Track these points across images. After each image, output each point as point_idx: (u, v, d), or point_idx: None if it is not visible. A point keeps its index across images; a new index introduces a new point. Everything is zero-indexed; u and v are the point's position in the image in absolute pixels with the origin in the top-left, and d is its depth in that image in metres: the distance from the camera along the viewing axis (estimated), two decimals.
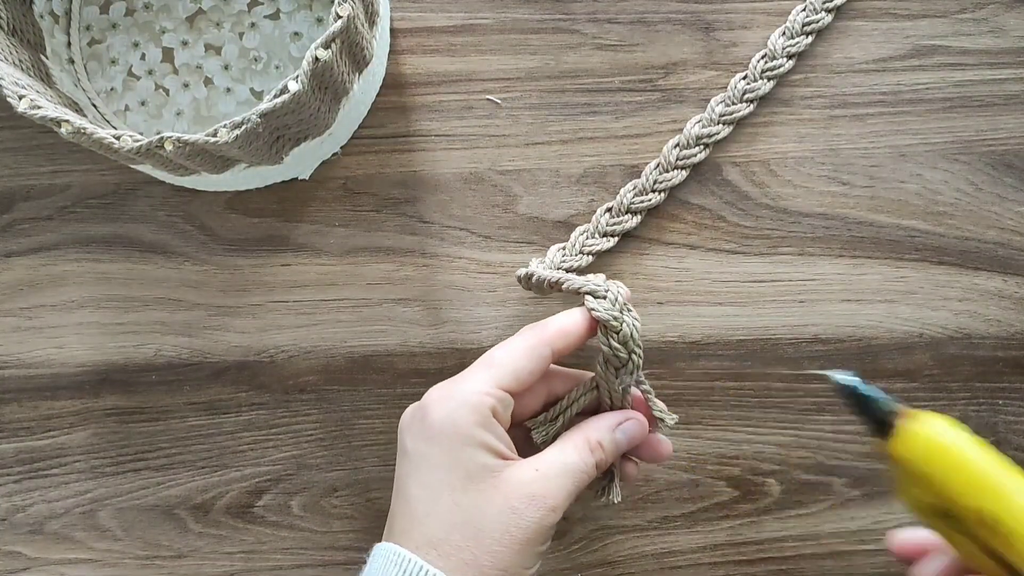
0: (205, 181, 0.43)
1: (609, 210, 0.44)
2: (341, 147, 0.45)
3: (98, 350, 0.45)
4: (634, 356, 0.37)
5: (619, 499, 0.39)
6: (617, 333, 0.36)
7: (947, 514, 0.30)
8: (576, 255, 0.43)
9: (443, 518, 0.34)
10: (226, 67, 0.45)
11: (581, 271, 0.43)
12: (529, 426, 0.38)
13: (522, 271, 0.41)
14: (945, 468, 0.29)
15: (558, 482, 0.34)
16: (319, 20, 0.45)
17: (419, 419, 0.35)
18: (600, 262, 0.44)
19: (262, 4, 0.45)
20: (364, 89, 0.43)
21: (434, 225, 0.45)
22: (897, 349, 0.44)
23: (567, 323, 0.37)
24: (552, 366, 0.38)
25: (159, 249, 0.45)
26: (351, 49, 0.39)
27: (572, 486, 0.35)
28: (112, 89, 0.45)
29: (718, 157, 0.45)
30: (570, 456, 0.35)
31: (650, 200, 0.43)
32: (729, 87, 0.44)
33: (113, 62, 0.45)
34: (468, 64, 0.45)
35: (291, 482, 0.45)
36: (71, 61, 0.45)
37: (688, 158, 0.44)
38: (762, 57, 0.44)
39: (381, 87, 0.45)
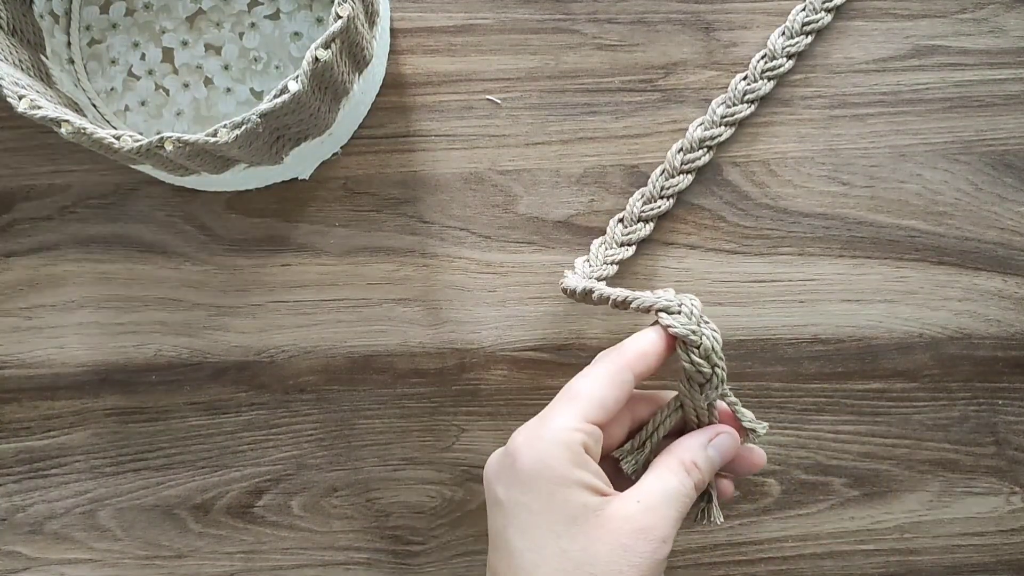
0: (205, 181, 0.43)
1: (621, 220, 0.44)
2: (341, 147, 0.45)
3: (98, 350, 0.45)
4: (717, 370, 0.35)
5: (721, 519, 0.38)
6: (697, 348, 0.35)
7: None
8: (602, 266, 0.42)
9: (552, 567, 0.32)
10: (226, 67, 0.45)
11: (610, 281, 0.43)
12: (617, 456, 0.37)
13: (572, 284, 0.40)
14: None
15: (663, 511, 0.33)
16: (319, 20, 0.45)
17: (508, 466, 0.34)
18: None
19: (262, 4, 0.45)
20: (364, 89, 0.43)
21: (434, 225, 0.45)
22: (897, 349, 0.44)
23: (645, 344, 0.35)
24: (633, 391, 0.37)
25: (159, 249, 0.45)
26: (351, 49, 0.39)
27: (677, 512, 0.34)
28: (112, 89, 0.45)
29: (718, 157, 0.45)
30: (669, 482, 0.34)
31: (659, 207, 0.43)
32: (730, 88, 0.44)
33: (113, 62, 0.45)
34: (468, 64, 0.45)
35: (291, 482, 0.45)
36: (71, 61, 0.45)
37: (692, 162, 0.44)
38: (762, 57, 0.44)
39: (381, 87, 0.45)
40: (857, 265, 0.45)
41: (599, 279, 0.42)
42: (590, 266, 0.42)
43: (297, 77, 0.36)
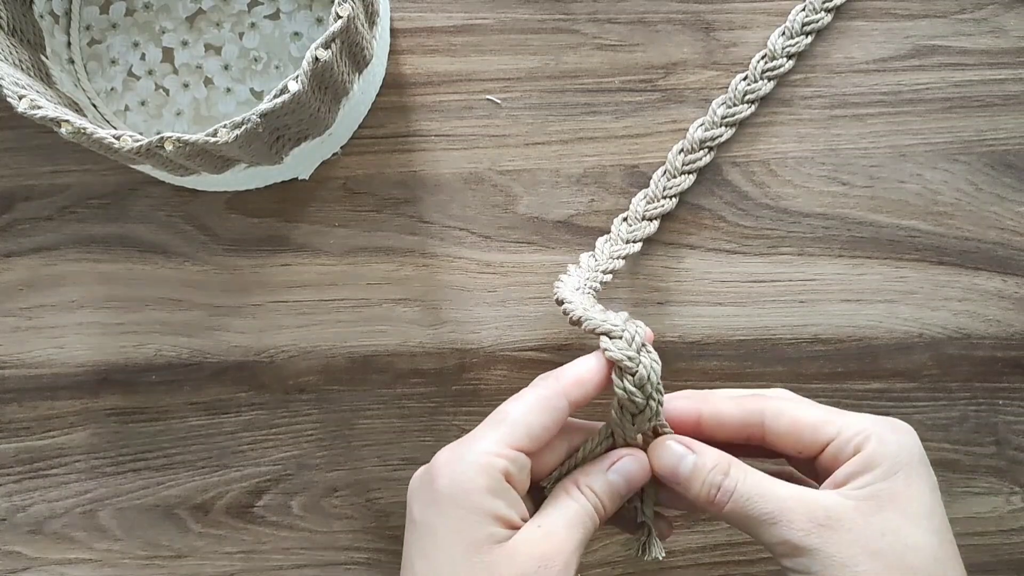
0: (205, 181, 0.43)
1: (625, 219, 0.44)
2: (341, 147, 0.45)
3: (98, 350, 0.45)
4: (651, 401, 0.34)
5: (663, 554, 0.37)
6: (632, 375, 0.34)
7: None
8: (607, 260, 0.42)
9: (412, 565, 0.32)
10: (226, 67, 0.45)
11: (617, 273, 0.42)
12: (542, 484, 0.36)
13: (557, 290, 0.39)
14: None
15: (563, 535, 0.32)
16: (319, 20, 0.45)
17: (426, 484, 0.33)
18: None
19: (262, 4, 0.45)
20: (364, 89, 0.43)
21: (434, 225, 0.45)
22: (897, 349, 0.44)
23: (583, 370, 0.34)
24: (572, 419, 0.36)
25: (159, 249, 0.45)
26: (351, 49, 0.39)
27: (578, 536, 0.33)
28: (112, 89, 0.45)
29: (718, 157, 0.45)
30: (568, 505, 0.33)
31: (662, 206, 0.43)
32: (730, 88, 0.44)
33: (113, 62, 0.45)
34: (468, 64, 0.45)
35: (291, 482, 0.45)
36: (71, 61, 0.45)
37: (693, 162, 0.44)
38: (762, 58, 0.44)
39: (381, 87, 0.45)
40: (857, 265, 0.45)
41: (605, 272, 0.41)
42: (595, 260, 0.42)
43: (297, 77, 0.36)
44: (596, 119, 0.45)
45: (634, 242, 0.43)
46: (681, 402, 0.36)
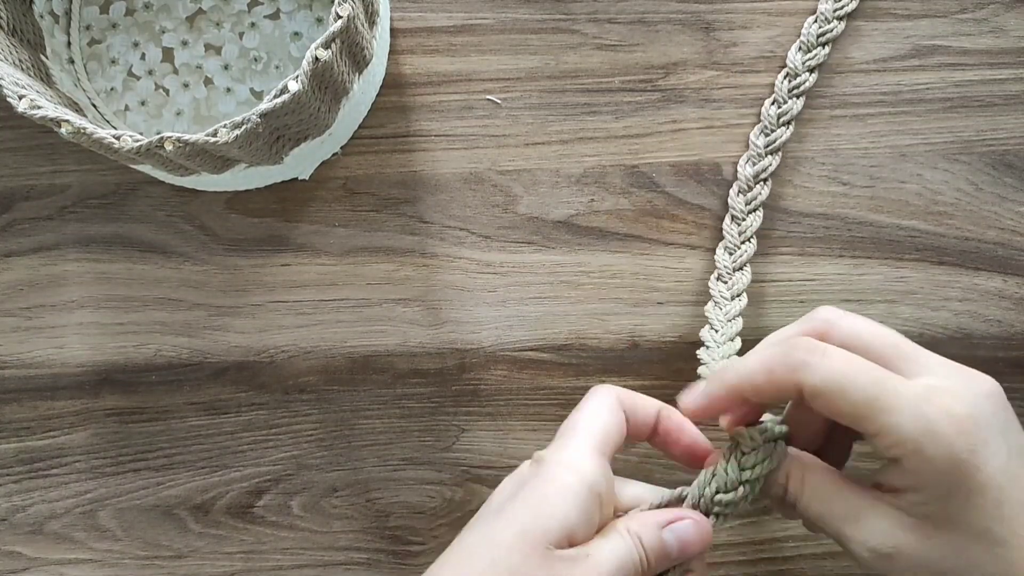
0: (205, 181, 0.43)
1: (719, 277, 0.43)
2: (341, 147, 0.45)
3: (98, 350, 0.45)
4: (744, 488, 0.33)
5: None
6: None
7: None
8: (727, 325, 0.42)
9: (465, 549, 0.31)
10: (226, 67, 0.45)
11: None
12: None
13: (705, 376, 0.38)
14: None
15: (607, 566, 0.30)
16: (319, 20, 0.45)
17: (523, 475, 0.33)
18: (602, 263, 0.44)
19: (262, 4, 0.45)
20: (364, 89, 0.43)
21: (434, 225, 0.45)
22: None
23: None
24: None
25: (159, 249, 0.45)
26: (351, 49, 0.39)
27: (616, 570, 0.31)
28: (112, 89, 0.45)
29: (718, 157, 0.45)
30: (615, 541, 0.31)
31: (743, 253, 0.43)
32: (762, 115, 0.44)
33: (113, 62, 0.45)
34: (468, 64, 0.45)
35: (291, 482, 0.45)
36: (71, 61, 0.45)
37: (753, 199, 0.44)
38: (785, 77, 0.44)
39: (381, 87, 0.45)
40: (857, 265, 0.45)
41: (731, 339, 0.41)
42: (717, 332, 0.42)
43: (297, 77, 0.36)
44: (596, 119, 0.45)
45: (738, 297, 0.43)
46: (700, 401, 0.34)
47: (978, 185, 0.45)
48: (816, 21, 0.45)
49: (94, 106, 0.45)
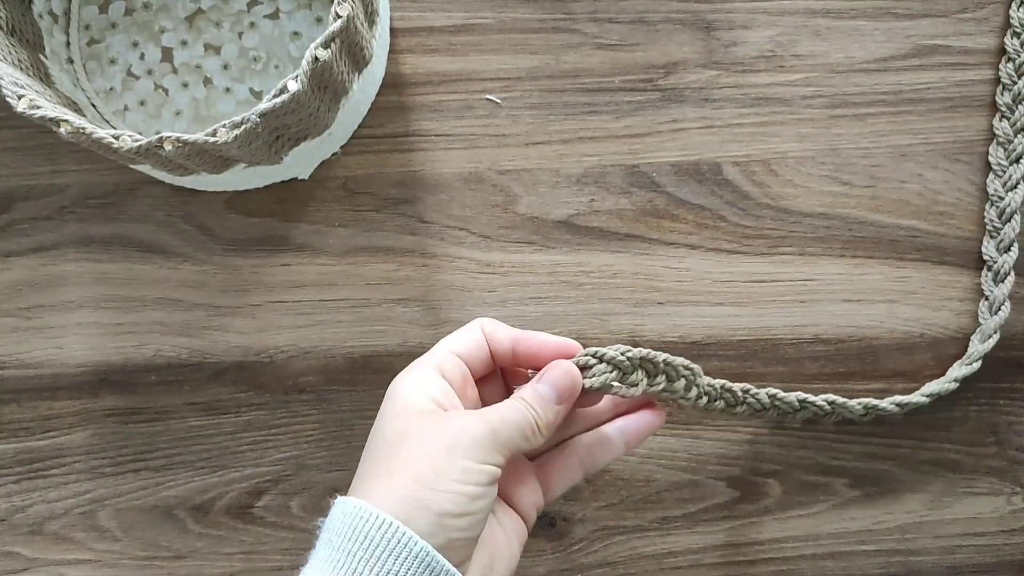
0: (205, 181, 0.43)
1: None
2: (341, 147, 0.45)
3: (98, 350, 0.45)
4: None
5: None
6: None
7: None
8: None
9: (367, 450, 0.33)
10: (225, 67, 0.45)
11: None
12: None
13: None
14: None
15: (500, 410, 0.33)
16: (319, 20, 0.45)
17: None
18: (601, 263, 0.44)
19: (261, 3, 0.45)
20: (364, 89, 0.43)
21: (434, 225, 0.45)
22: (898, 349, 0.44)
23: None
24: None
25: (159, 249, 0.45)
26: (351, 49, 0.39)
27: (515, 417, 0.33)
28: (111, 89, 0.45)
29: (718, 157, 0.45)
30: (513, 400, 0.34)
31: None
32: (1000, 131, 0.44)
33: (112, 62, 0.45)
34: (468, 64, 0.45)
35: (291, 482, 0.45)
36: (70, 61, 0.45)
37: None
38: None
39: (381, 87, 0.45)
40: (858, 265, 0.44)
41: None
42: None
43: (296, 77, 0.36)
44: (596, 119, 0.45)
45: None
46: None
47: (979, 185, 0.45)
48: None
49: (93, 106, 0.45)
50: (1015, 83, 0.44)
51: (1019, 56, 0.44)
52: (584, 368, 0.35)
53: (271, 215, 0.45)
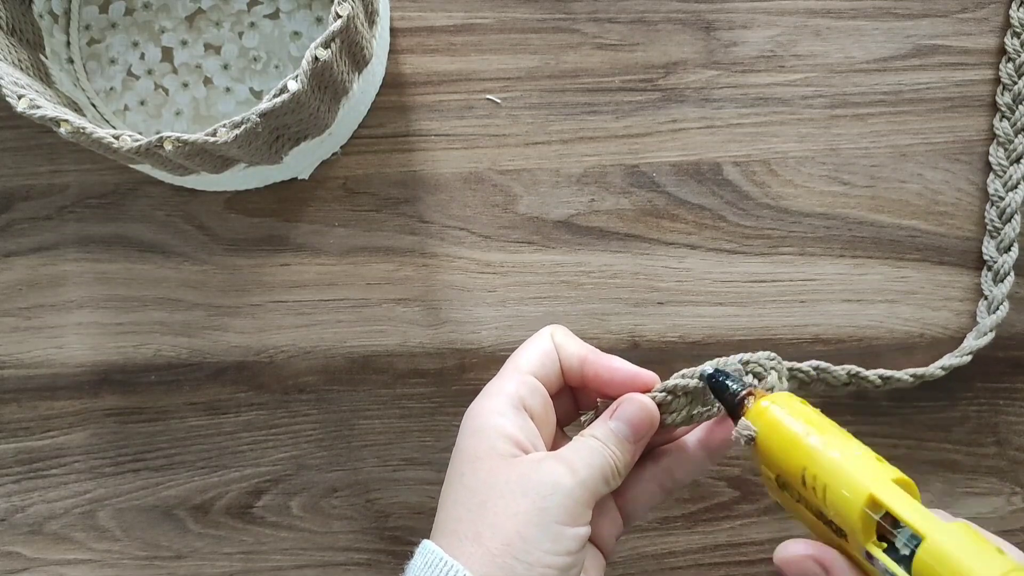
0: (205, 181, 0.43)
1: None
2: (341, 147, 0.45)
3: (98, 350, 0.45)
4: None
5: None
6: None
7: (784, 483, 0.31)
8: None
9: (451, 499, 0.32)
10: (225, 67, 0.45)
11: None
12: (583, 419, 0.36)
13: None
14: (772, 438, 0.31)
15: (581, 454, 0.32)
16: (319, 20, 0.45)
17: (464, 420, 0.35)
18: (601, 263, 0.44)
19: (261, 3, 0.45)
20: (364, 89, 0.43)
21: (434, 225, 0.45)
22: (898, 349, 0.44)
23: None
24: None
25: (158, 249, 0.45)
26: (351, 49, 0.39)
27: (598, 462, 0.32)
28: (111, 89, 0.45)
29: (718, 157, 0.45)
30: (579, 443, 0.33)
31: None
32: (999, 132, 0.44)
33: (112, 62, 0.45)
34: (468, 64, 0.45)
35: (291, 482, 0.45)
36: (70, 60, 0.45)
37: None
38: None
39: (381, 87, 0.45)
40: (858, 265, 0.44)
41: None
42: None
43: (297, 76, 0.36)
44: (596, 119, 0.45)
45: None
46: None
47: (979, 185, 0.45)
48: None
49: (93, 106, 0.45)
50: (1015, 83, 0.44)
51: (1019, 56, 0.44)
52: (660, 404, 0.34)
53: (271, 215, 0.45)
